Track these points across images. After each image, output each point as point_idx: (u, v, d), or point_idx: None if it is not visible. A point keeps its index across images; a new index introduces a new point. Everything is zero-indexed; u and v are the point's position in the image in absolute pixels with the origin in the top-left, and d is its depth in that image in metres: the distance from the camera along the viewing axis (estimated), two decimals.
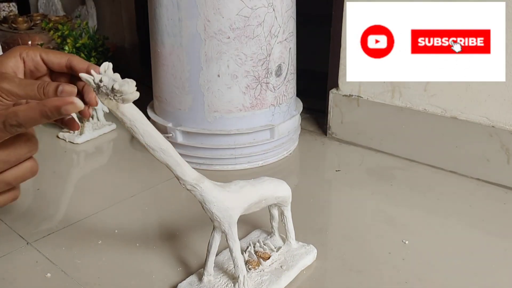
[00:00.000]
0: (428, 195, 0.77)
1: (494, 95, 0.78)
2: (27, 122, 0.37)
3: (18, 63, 0.44)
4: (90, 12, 1.51)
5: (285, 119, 0.89)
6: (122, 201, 0.75)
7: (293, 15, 0.86)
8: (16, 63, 0.44)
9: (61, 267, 0.59)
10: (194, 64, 0.81)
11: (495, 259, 0.61)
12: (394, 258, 0.61)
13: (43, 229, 0.67)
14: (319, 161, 0.92)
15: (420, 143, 0.87)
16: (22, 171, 0.41)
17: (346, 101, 0.95)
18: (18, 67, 0.44)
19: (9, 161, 0.40)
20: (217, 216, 0.49)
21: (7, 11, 1.81)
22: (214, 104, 0.83)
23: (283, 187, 0.57)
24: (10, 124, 0.37)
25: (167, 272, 0.58)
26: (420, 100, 0.86)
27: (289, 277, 0.56)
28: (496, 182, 0.80)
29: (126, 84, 0.38)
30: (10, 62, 0.44)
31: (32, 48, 0.45)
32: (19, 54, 0.44)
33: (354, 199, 0.77)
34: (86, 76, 0.39)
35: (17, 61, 0.44)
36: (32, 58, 0.44)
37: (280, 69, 0.85)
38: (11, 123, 0.36)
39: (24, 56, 0.44)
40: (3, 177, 0.41)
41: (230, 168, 0.86)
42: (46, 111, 0.36)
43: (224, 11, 0.77)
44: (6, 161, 0.39)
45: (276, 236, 0.62)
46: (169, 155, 0.45)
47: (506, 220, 0.70)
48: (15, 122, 0.36)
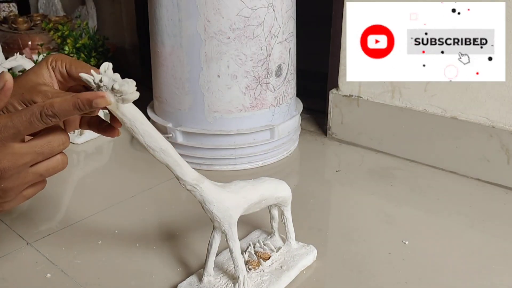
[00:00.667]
0: (428, 195, 0.77)
1: (494, 95, 0.78)
2: (61, 113, 0.39)
3: (51, 73, 0.46)
4: (90, 12, 1.51)
5: (285, 119, 0.89)
6: (122, 202, 0.75)
7: (293, 16, 0.86)
8: (49, 73, 0.46)
9: (61, 267, 0.59)
10: (194, 64, 0.81)
11: (495, 259, 0.61)
12: (394, 258, 0.61)
13: (43, 229, 0.67)
14: (319, 161, 0.92)
15: (420, 143, 0.87)
16: (54, 163, 0.43)
17: (346, 102, 0.95)
18: (52, 77, 0.46)
19: (43, 153, 0.41)
20: (217, 216, 0.49)
21: (7, 12, 1.82)
22: (214, 105, 0.83)
23: (283, 187, 0.57)
24: (46, 114, 0.39)
25: (167, 272, 0.58)
26: (420, 100, 0.86)
27: (289, 277, 0.55)
28: (496, 182, 0.80)
29: (126, 84, 0.38)
30: (45, 72, 0.46)
31: (62, 58, 0.47)
32: (50, 63, 0.46)
33: (354, 200, 0.77)
34: (86, 76, 0.40)
35: (50, 72, 0.46)
36: (59, 70, 0.46)
37: (280, 70, 0.85)
38: (47, 113, 0.39)
39: (53, 66, 0.46)
40: (36, 168, 0.42)
41: (230, 169, 0.86)
42: (79, 103, 0.39)
43: (224, 12, 0.77)
44: (40, 152, 0.41)
45: (276, 237, 0.62)
46: (169, 155, 0.45)
47: (506, 220, 0.70)
48: (50, 112, 0.39)
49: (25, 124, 0.39)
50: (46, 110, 0.39)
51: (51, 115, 0.39)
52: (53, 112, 0.39)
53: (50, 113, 0.39)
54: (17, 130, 0.39)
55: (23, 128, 0.39)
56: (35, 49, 1.41)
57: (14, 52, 1.15)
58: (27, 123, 0.39)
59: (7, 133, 0.39)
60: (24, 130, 0.39)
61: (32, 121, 0.39)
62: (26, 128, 0.39)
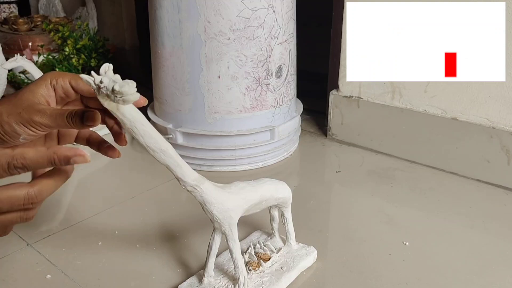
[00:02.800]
0: (428, 196, 0.77)
1: (494, 96, 0.78)
2: (32, 166, 0.37)
3: (49, 91, 0.44)
4: (90, 13, 1.51)
5: (285, 120, 0.89)
6: (122, 203, 0.75)
7: (293, 16, 0.86)
8: (47, 91, 0.44)
9: (61, 268, 0.59)
10: (194, 65, 0.81)
11: (495, 260, 0.61)
12: (394, 259, 0.61)
13: (43, 231, 0.67)
14: (319, 162, 0.92)
15: (421, 144, 0.87)
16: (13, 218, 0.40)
17: (346, 102, 0.95)
18: (49, 95, 0.44)
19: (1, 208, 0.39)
20: (217, 217, 0.49)
21: (7, 13, 1.82)
22: (214, 105, 0.83)
23: (284, 188, 0.57)
24: (15, 165, 0.37)
25: (167, 273, 0.58)
26: (420, 101, 0.86)
27: (289, 278, 0.55)
28: (496, 183, 0.80)
29: (127, 85, 0.38)
30: (42, 91, 0.44)
31: (62, 75, 0.45)
32: (50, 81, 0.44)
33: (354, 200, 0.77)
34: (87, 77, 0.39)
35: (48, 89, 0.44)
36: (61, 86, 0.44)
37: (280, 70, 0.85)
38: (16, 165, 0.37)
39: (54, 84, 0.44)
40: None
41: (231, 169, 0.86)
42: (55, 158, 0.37)
43: (224, 13, 0.77)
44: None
45: (277, 237, 0.62)
46: (169, 156, 0.45)
47: (506, 221, 0.70)
48: (20, 164, 0.37)
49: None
50: (16, 161, 0.36)
51: (20, 167, 0.37)
52: (23, 164, 0.37)
53: (20, 165, 0.37)
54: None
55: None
56: (36, 50, 1.41)
57: (14, 53, 1.15)
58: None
59: None
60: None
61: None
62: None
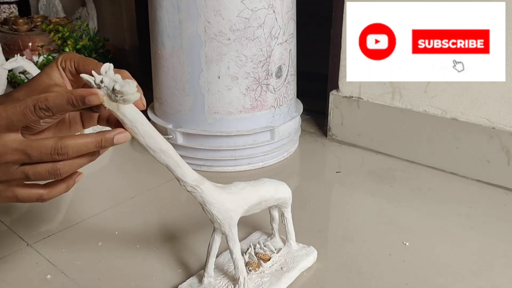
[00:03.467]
0: (428, 196, 0.77)
1: (494, 96, 0.78)
2: (54, 107, 0.39)
3: (62, 74, 0.47)
4: (90, 13, 1.51)
5: (285, 120, 0.89)
6: (122, 203, 0.75)
7: (293, 17, 0.86)
8: (61, 73, 0.46)
9: (61, 269, 0.59)
10: (194, 65, 0.81)
11: (495, 261, 0.61)
12: (394, 259, 0.61)
13: (43, 231, 0.67)
14: (319, 162, 0.92)
15: (421, 145, 0.87)
16: (41, 170, 0.42)
17: (346, 103, 0.95)
18: (63, 77, 0.47)
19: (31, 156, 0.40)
20: (217, 217, 0.49)
21: (7, 13, 1.82)
22: (215, 106, 0.83)
23: (284, 188, 0.57)
24: (40, 107, 0.39)
25: (167, 273, 0.58)
26: (420, 102, 0.86)
27: (289, 278, 0.55)
28: (496, 183, 0.80)
29: (127, 84, 0.38)
30: (56, 73, 0.46)
31: (71, 57, 0.47)
32: (60, 64, 0.46)
33: (354, 201, 0.77)
34: (87, 76, 0.40)
35: (61, 72, 0.47)
36: (69, 69, 0.47)
37: (281, 71, 0.85)
38: (41, 106, 0.39)
39: (63, 66, 0.47)
40: (23, 168, 0.41)
41: (231, 170, 0.86)
42: (72, 98, 0.39)
43: (224, 13, 0.77)
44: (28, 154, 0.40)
45: (277, 238, 0.62)
46: (169, 156, 0.45)
47: (506, 221, 0.70)
48: (44, 105, 0.39)
49: (19, 115, 0.39)
50: (40, 103, 0.39)
51: (44, 109, 0.39)
52: (46, 106, 0.39)
53: (44, 106, 0.39)
54: (10, 120, 0.39)
55: (16, 119, 0.39)
56: (36, 50, 1.41)
57: (14, 53, 1.15)
58: (21, 114, 0.39)
59: (0, 123, 0.39)
60: (17, 122, 0.39)
61: (26, 113, 0.39)
62: (19, 119, 0.39)
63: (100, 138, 0.41)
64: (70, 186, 0.45)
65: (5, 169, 0.41)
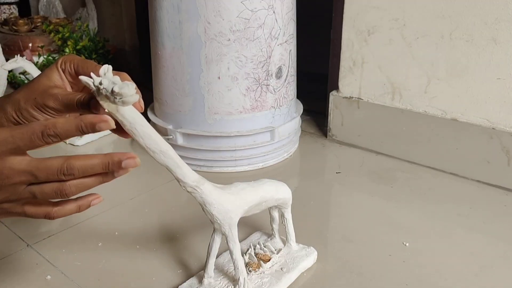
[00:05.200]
0: (428, 197, 0.77)
1: (494, 97, 0.78)
2: (63, 134, 0.39)
3: (62, 75, 0.47)
4: (90, 14, 1.51)
5: (286, 121, 0.89)
6: (122, 203, 0.75)
7: (293, 17, 0.86)
8: (61, 75, 0.46)
9: (61, 269, 0.59)
10: (194, 66, 0.81)
11: (495, 261, 0.61)
12: (394, 260, 0.61)
13: (43, 231, 0.67)
14: (319, 163, 0.92)
15: (421, 145, 0.87)
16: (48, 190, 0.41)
17: (346, 103, 0.95)
18: (63, 79, 0.47)
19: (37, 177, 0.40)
20: (217, 218, 0.49)
21: (7, 14, 1.82)
22: (215, 106, 0.83)
23: (284, 189, 0.57)
24: (48, 134, 0.39)
25: (167, 274, 0.58)
26: (420, 102, 0.86)
27: (289, 279, 0.55)
28: (496, 184, 0.80)
29: (126, 86, 0.38)
30: (56, 75, 0.46)
31: (69, 59, 0.47)
32: (60, 65, 0.46)
33: (354, 201, 0.77)
34: (86, 78, 0.39)
35: (61, 74, 0.47)
36: (68, 71, 0.47)
37: (281, 71, 0.85)
38: (49, 133, 0.39)
39: (63, 68, 0.46)
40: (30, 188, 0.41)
41: (231, 170, 0.86)
42: (82, 125, 0.39)
43: (225, 14, 0.77)
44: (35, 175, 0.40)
45: (277, 238, 0.62)
46: (169, 157, 0.45)
47: (506, 222, 0.70)
48: (52, 132, 0.39)
49: (26, 141, 0.39)
50: (48, 130, 0.39)
51: (53, 135, 0.39)
52: (55, 133, 0.39)
53: (52, 133, 0.39)
54: (16, 145, 0.39)
55: (23, 144, 0.39)
56: (36, 51, 1.41)
57: (14, 54, 1.15)
58: (28, 140, 0.39)
59: (6, 148, 0.39)
60: (24, 146, 0.39)
61: (33, 139, 0.39)
62: (26, 144, 0.39)
63: (107, 161, 0.41)
64: (83, 208, 0.45)
65: (13, 189, 0.40)
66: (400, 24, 0.84)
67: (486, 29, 0.75)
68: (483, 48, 0.76)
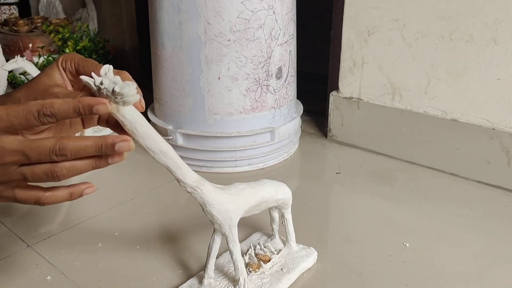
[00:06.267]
0: (428, 197, 0.77)
1: (494, 97, 0.78)
2: (60, 114, 0.39)
3: (63, 74, 0.46)
4: (90, 14, 1.51)
5: (286, 121, 0.89)
6: (122, 204, 0.75)
7: (293, 18, 0.86)
8: (61, 74, 0.46)
9: (61, 270, 0.59)
10: (194, 66, 0.81)
11: (495, 262, 0.61)
12: (394, 260, 0.61)
13: (43, 232, 0.67)
14: (319, 163, 0.92)
15: (421, 146, 0.87)
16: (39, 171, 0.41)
17: (346, 104, 0.95)
18: (64, 78, 0.46)
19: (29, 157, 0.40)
20: (217, 218, 0.49)
21: (8, 14, 1.82)
22: (215, 107, 0.83)
23: (284, 189, 0.57)
24: (44, 113, 0.38)
25: (167, 274, 0.58)
26: (420, 103, 0.86)
27: (289, 279, 0.55)
28: (496, 184, 0.80)
29: (127, 86, 0.38)
30: (57, 73, 0.46)
31: (70, 57, 0.46)
32: (61, 64, 0.46)
33: (354, 202, 0.77)
34: (86, 78, 0.39)
35: (62, 72, 0.46)
36: (69, 69, 0.46)
37: (281, 72, 0.85)
38: (45, 113, 0.38)
39: (63, 66, 0.46)
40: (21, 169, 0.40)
41: (231, 171, 0.86)
42: (79, 107, 0.38)
43: (225, 14, 0.77)
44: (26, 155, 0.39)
45: (277, 239, 0.62)
46: (169, 157, 0.45)
47: (506, 222, 0.70)
48: (49, 112, 0.38)
49: (21, 119, 0.38)
50: (45, 109, 0.38)
51: (49, 115, 0.38)
52: (51, 112, 0.38)
53: (49, 112, 0.38)
54: (11, 124, 0.38)
55: (17, 123, 0.38)
56: (36, 51, 1.42)
57: (15, 54, 1.15)
58: (23, 119, 0.38)
59: (0, 125, 0.38)
60: (18, 125, 0.38)
61: (29, 118, 0.38)
62: (21, 123, 0.38)
63: (101, 143, 0.40)
64: (74, 196, 0.44)
65: (4, 170, 0.40)
66: (400, 25, 0.84)
67: (486, 30, 0.75)
68: (483, 49, 0.76)
